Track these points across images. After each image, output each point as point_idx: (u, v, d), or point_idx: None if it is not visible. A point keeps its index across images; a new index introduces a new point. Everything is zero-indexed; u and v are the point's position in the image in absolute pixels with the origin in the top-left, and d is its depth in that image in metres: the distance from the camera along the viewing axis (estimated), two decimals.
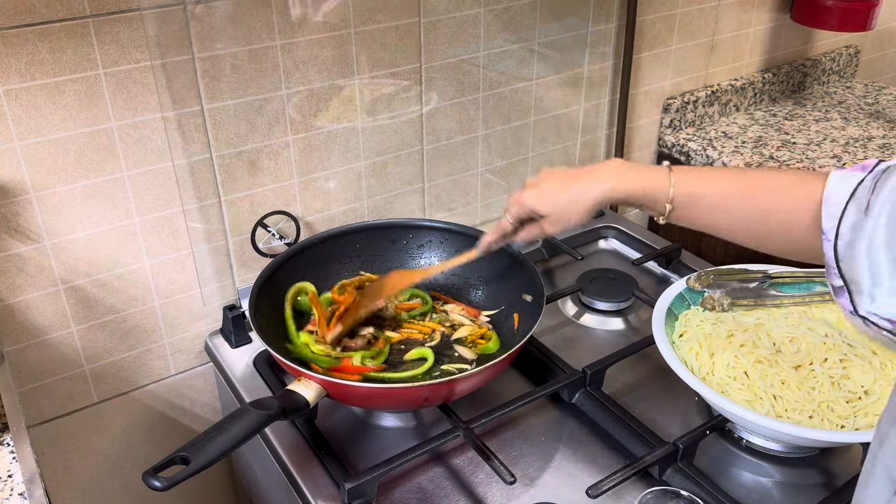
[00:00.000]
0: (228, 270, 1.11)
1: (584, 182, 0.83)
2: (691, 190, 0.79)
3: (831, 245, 0.63)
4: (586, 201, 0.83)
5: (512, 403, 0.93)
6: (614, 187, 0.82)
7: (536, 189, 0.86)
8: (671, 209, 0.79)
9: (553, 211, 0.85)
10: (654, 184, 0.80)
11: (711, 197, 0.78)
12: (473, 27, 1.17)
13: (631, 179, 0.81)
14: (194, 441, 0.74)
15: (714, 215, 0.79)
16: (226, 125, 1.01)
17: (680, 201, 0.79)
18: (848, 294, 0.61)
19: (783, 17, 1.62)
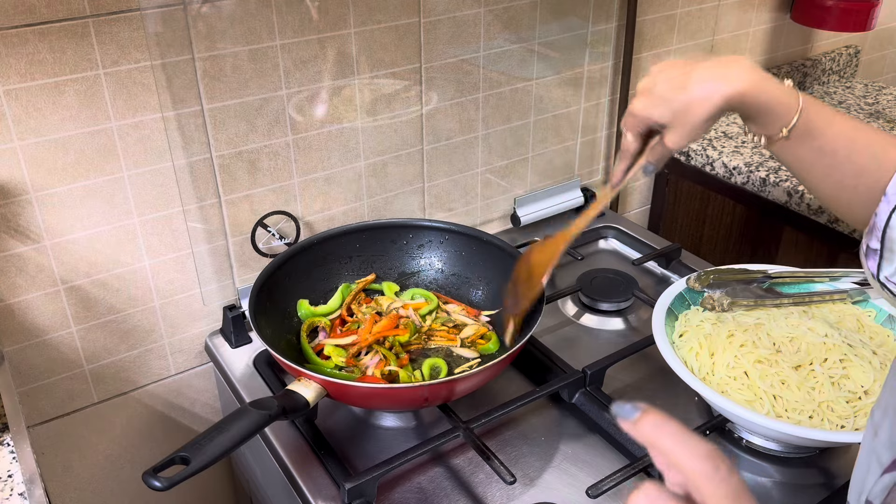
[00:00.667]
0: (228, 270, 1.11)
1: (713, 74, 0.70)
2: (813, 124, 0.71)
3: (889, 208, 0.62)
4: (713, 103, 0.70)
5: (512, 403, 0.93)
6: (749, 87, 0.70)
7: (649, 94, 0.73)
8: (785, 135, 0.71)
9: (675, 116, 0.71)
10: (783, 102, 0.70)
11: (827, 138, 0.71)
12: (473, 27, 1.17)
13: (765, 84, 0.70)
14: (194, 441, 0.74)
15: (818, 157, 0.72)
16: (226, 125, 1.01)
17: (798, 130, 0.71)
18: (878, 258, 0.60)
19: (783, 17, 1.62)
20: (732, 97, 0.70)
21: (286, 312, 1.04)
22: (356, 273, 1.12)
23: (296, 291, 1.05)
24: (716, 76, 0.70)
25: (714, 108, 0.70)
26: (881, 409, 0.49)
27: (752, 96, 0.70)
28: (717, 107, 0.70)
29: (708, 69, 0.71)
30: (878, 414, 0.49)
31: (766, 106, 0.71)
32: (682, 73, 0.72)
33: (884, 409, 0.49)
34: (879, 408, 0.50)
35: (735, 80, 0.70)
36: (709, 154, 1.47)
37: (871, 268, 0.61)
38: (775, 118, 0.71)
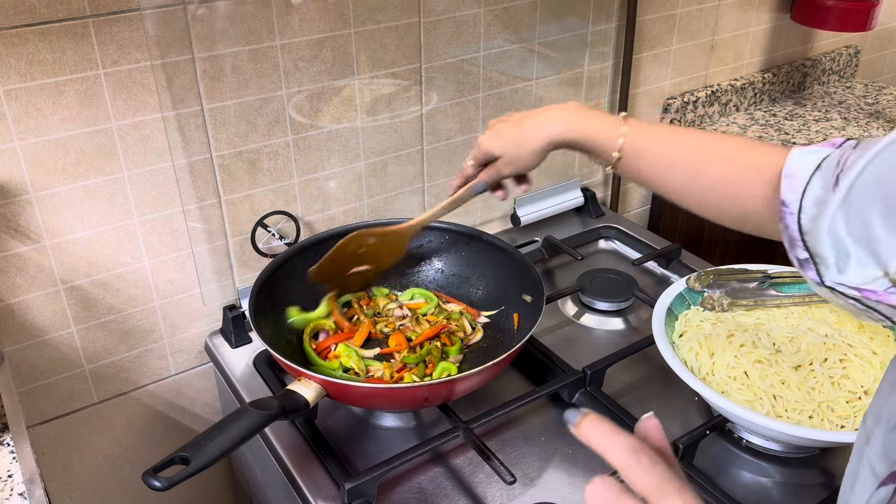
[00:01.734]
0: (228, 270, 1.11)
1: (538, 121, 0.83)
2: (641, 142, 0.77)
3: (795, 218, 0.63)
4: (539, 140, 0.83)
5: (512, 403, 0.93)
6: (568, 128, 0.81)
7: (493, 130, 0.87)
8: (618, 158, 0.78)
9: (507, 151, 0.86)
10: (605, 130, 0.79)
11: (661, 152, 0.77)
12: (473, 27, 1.17)
13: (585, 122, 0.80)
14: (194, 441, 0.74)
15: (662, 173, 0.77)
16: (226, 125, 1.01)
17: (629, 152, 0.78)
18: (814, 266, 0.61)
19: (783, 17, 1.62)
20: (554, 136, 0.82)
21: (286, 312, 1.03)
22: None
23: (296, 291, 1.05)
24: (542, 120, 0.83)
25: (539, 145, 0.83)
26: (873, 416, 0.49)
27: (573, 133, 0.81)
28: (542, 145, 0.83)
29: (538, 113, 0.84)
30: (871, 420, 0.49)
31: (589, 139, 0.80)
32: (521, 116, 0.86)
33: (876, 415, 0.49)
34: (872, 414, 0.50)
35: (557, 123, 0.82)
36: None
37: (814, 277, 0.61)
38: (603, 147, 0.79)
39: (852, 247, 0.55)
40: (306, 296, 1.06)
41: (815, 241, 0.60)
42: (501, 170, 0.88)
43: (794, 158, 0.66)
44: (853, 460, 0.51)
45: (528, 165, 0.86)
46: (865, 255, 0.54)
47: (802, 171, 0.64)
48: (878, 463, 0.46)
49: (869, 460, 0.47)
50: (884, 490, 0.44)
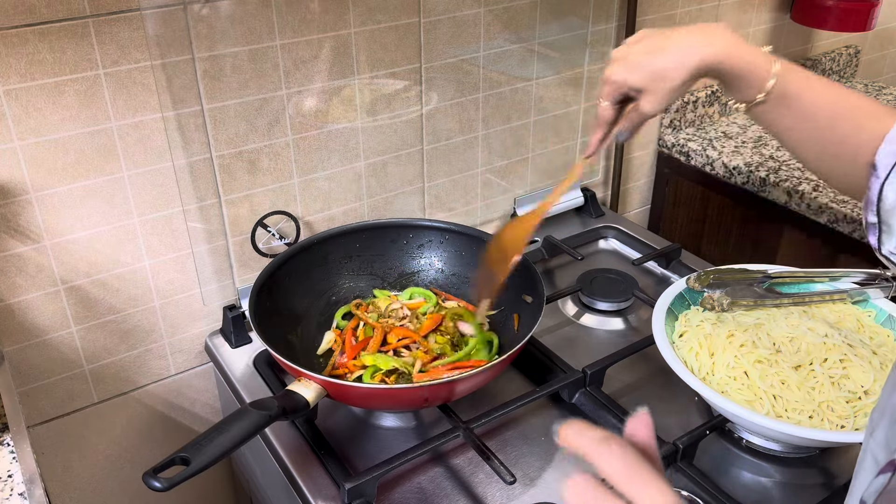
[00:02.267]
0: (228, 270, 1.11)
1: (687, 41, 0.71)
2: (790, 88, 0.71)
3: (879, 182, 0.62)
4: (687, 68, 0.71)
5: (512, 403, 0.93)
6: (723, 53, 0.70)
7: (624, 61, 0.74)
8: (762, 100, 0.71)
9: (650, 81, 0.72)
10: (760, 64, 0.71)
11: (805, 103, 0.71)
12: (473, 27, 1.17)
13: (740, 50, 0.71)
14: (194, 441, 0.74)
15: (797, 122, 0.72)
16: (226, 125, 1.01)
17: (774, 95, 0.71)
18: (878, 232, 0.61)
19: (783, 17, 1.62)
20: (707, 61, 0.71)
21: (286, 312, 1.03)
22: (356, 273, 1.12)
23: (296, 291, 1.05)
24: (691, 42, 0.71)
25: (689, 72, 0.71)
26: (879, 410, 0.50)
27: (727, 61, 0.71)
28: (692, 71, 0.71)
29: (683, 35, 0.72)
30: (877, 414, 0.50)
31: (741, 71, 0.71)
32: (658, 40, 0.73)
33: (881, 410, 0.49)
34: (878, 409, 0.50)
35: (710, 45, 0.71)
36: (709, 154, 1.47)
37: (873, 242, 0.61)
38: (751, 83, 0.72)
39: None
40: (306, 296, 1.07)
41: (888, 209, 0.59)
42: (646, 108, 0.74)
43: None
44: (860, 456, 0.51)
45: (675, 97, 0.73)
46: None
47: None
48: (880, 453, 0.47)
49: (872, 451, 0.48)
50: (882, 477, 0.45)
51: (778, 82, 0.71)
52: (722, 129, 1.57)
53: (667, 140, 1.54)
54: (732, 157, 1.45)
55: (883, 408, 0.49)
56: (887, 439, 0.47)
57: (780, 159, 1.44)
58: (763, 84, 0.71)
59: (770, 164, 1.42)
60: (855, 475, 0.52)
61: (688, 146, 1.51)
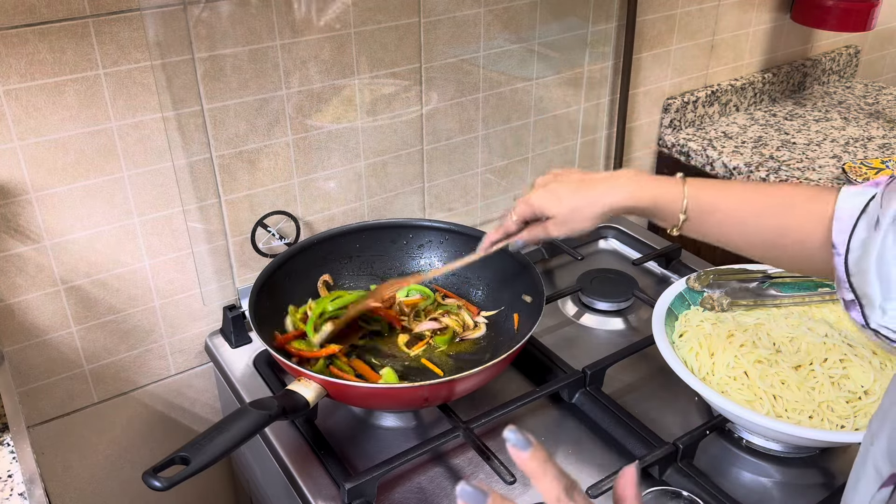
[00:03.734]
0: (228, 270, 1.11)
1: (599, 187, 0.82)
2: (705, 203, 0.78)
3: (842, 259, 0.64)
4: (599, 207, 0.81)
5: (512, 403, 0.93)
6: (629, 195, 0.80)
7: (547, 190, 0.85)
8: (684, 220, 0.78)
9: (563, 213, 0.83)
10: (668, 195, 0.79)
11: (725, 211, 0.77)
12: (473, 27, 1.17)
13: (646, 189, 0.80)
14: (194, 441, 0.74)
15: (727, 229, 0.78)
16: (226, 125, 1.01)
17: (693, 213, 0.78)
18: (860, 307, 0.62)
19: (783, 17, 1.62)
20: (615, 206, 0.81)
21: (286, 313, 1.03)
22: (356, 273, 1.12)
23: (296, 291, 1.05)
24: (601, 189, 0.82)
25: (597, 214, 0.82)
26: (879, 418, 0.50)
27: (634, 200, 0.81)
28: (601, 213, 0.82)
29: (598, 180, 0.83)
30: (877, 423, 0.50)
31: (651, 207, 0.80)
32: (579, 181, 0.84)
33: (882, 418, 0.49)
34: (878, 416, 0.50)
35: (618, 192, 0.81)
36: (709, 154, 1.47)
37: (858, 319, 0.62)
38: (665, 213, 0.80)
39: None
40: (306, 296, 1.07)
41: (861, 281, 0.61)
42: (551, 230, 0.85)
43: (843, 199, 0.67)
44: (858, 461, 0.51)
45: (582, 230, 0.84)
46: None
47: (850, 212, 0.65)
48: (883, 464, 0.47)
49: (874, 461, 0.48)
50: (885, 491, 0.45)
51: (691, 202, 0.78)
52: (722, 129, 1.57)
53: (667, 140, 1.54)
54: (732, 157, 1.45)
55: (884, 416, 0.49)
56: (890, 450, 0.46)
57: (780, 159, 1.44)
58: (678, 206, 0.78)
59: (770, 164, 1.42)
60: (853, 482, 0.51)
61: (688, 146, 1.51)
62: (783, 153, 1.47)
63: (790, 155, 1.46)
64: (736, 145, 1.50)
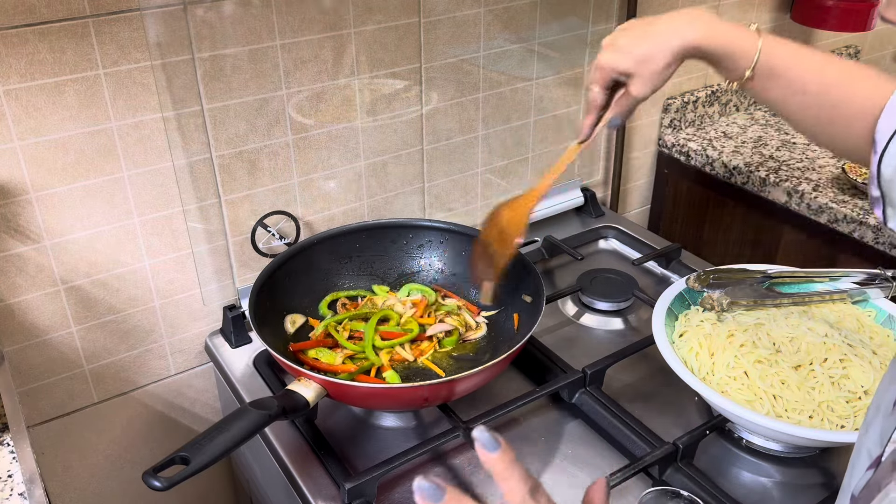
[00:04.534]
0: (228, 270, 1.11)
1: (670, 26, 0.75)
2: (776, 62, 0.73)
3: (877, 158, 0.63)
4: (674, 47, 0.74)
5: (512, 403, 0.93)
6: (703, 35, 0.74)
7: (613, 47, 0.77)
8: (749, 76, 0.74)
9: (637, 65, 0.76)
10: (742, 43, 0.74)
11: (794, 75, 0.73)
12: (473, 27, 1.17)
13: (721, 30, 0.74)
14: (194, 441, 0.74)
15: (788, 94, 0.74)
16: (226, 125, 1.01)
17: (762, 70, 0.74)
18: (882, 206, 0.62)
19: (783, 17, 1.62)
20: (688, 43, 0.74)
21: (286, 312, 1.03)
22: (356, 273, 1.12)
23: (296, 291, 1.05)
24: (673, 26, 0.75)
25: (672, 54, 0.75)
26: (874, 407, 0.50)
27: (708, 42, 0.74)
28: (675, 53, 0.75)
29: (666, 21, 0.76)
30: (871, 412, 0.50)
31: (724, 50, 0.74)
32: (643, 26, 0.77)
33: (875, 406, 0.50)
34: (873, 405, 0.51)
35: (690, 28, 0.74)
36: (709, 154, 1.47)
37: (879, 215, 0.63)
38: (736, 61, 0.74)
39: None
40: (306, 296, 1.07)
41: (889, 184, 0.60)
42: (634, 92, 0.77)
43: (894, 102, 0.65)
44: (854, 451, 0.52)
45: (663, 80, 0.77)
46: None
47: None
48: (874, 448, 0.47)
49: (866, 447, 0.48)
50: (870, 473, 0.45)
51: (762, 58, 0.73)
52: (722, 129, 1.57)
53: (667, 140, 1.54)
54: (732, 157, 1.45)
55: (878, 404, 0.50)
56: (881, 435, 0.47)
57: (780, 159, 1.44)
58: (748, 61, 0.73)
59: (770, 164, 1.42)
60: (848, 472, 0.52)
61: (688, 146, 1.51)
62: (783, 153, 1.47)
63: (790, 155, 1.46)
64: (736, 145, 1.50)
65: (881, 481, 0.44)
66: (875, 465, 0.46)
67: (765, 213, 1.40)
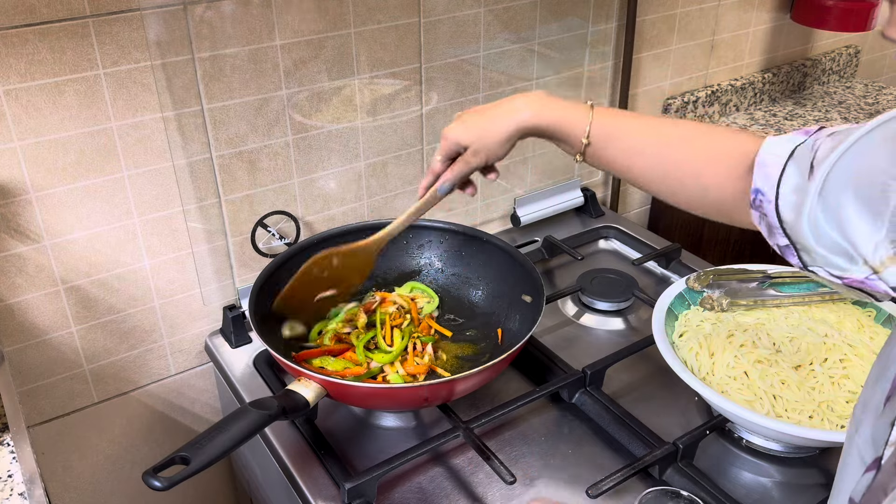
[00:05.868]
0: (228, 270, 1.11)
1: (506, 109, 0.82)
2: (609, 128, 0.78)
3: (773, 206, 0.63)
4: (507, 127, 0.81)
5: (512, 403, 0.93)
6: (534, 114, 0.80)
7: (459, 121, 0.85)
8: (587, 145, 0.78)
9: (474, 139, 0.83)
10: (573, 117, 0.79)
11: (629, 138, 0.77)
12: (473, 27, 1.17)
13: (551, 109, 0.80)
14: (194, 441, 0.74)
15: (629, 158, 0.78)
16: (226, 125, 1.01)
17: (596, 138, 0.78)
18: (796, 252, 0.62)
19: (783, 17, 1.62)
20: (522, 123, 0.81)
21: (285, 318, 1.03)
22: None
23: None
24: (511, 107, 0.82)
25: (505, 133, 0.82)
26: (861, 405, 0.50)
27: (539, 121, 0.80)
28: (508, 132, 0.82)
29: (505, 102, 0.83)
30: (859, 409, 0.50)
31: (556, 126, 0.80)
32: (487, 106, 0.85)
33: (864, 405, 0.50)
34: (860, 404, 0.50)
35: (525, 109, 0.81)
36: None
37: (796, 262, 0.62)
38: (569, 133, 0.79)
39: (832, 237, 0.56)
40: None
41: (796, 232, 0.61)
42: (470, 161, 0.85)
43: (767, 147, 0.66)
44: (844, 451, 0.52)
45: (497, 154, 0.84)
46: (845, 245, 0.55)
47: (776, 158, 0.64)
48: (866, 450, 0.47)
49: (858, 448, 0.48)
50: (869, 475, 0.45)
51: (595, 126, 0.78)
52: None
53: None
54: None
55: (865, 402, 0.49)
56: (874, 436, 0.47)
57: None
58: (582, 130, 0.78)
59: None
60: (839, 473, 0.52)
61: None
62: None
63: None
64: None
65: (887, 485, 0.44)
66: (874, 467, 0.46)
67: None
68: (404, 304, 1.05)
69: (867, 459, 0.47)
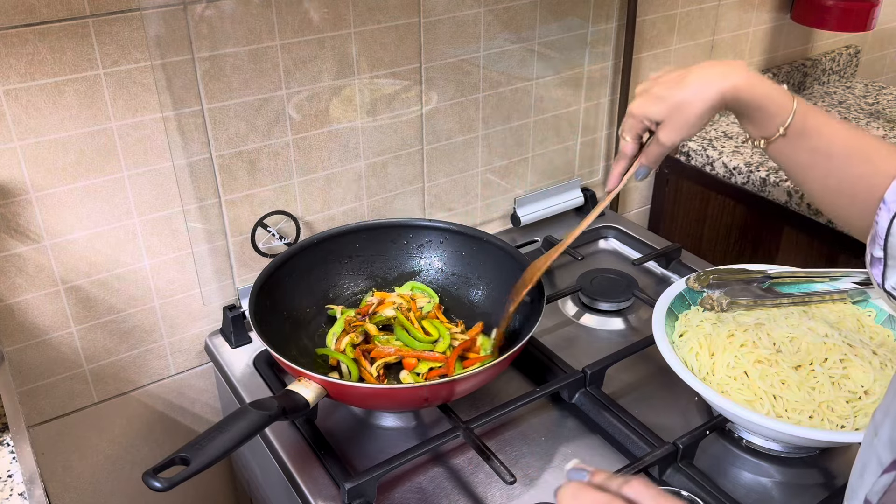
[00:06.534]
0: (228, 270, 1.11)
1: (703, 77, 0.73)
2: (809, 123, 0.72)
3: (889, 216, 0.62)
4: (709, 95, 0.72)
5: (512, 403, 0.93)
6: (747, 83, 0.72)
7: (647, 95, 0.77)
8: (780, 135, 0.72)
9: (670, 115, 0.74)
10: (781, 99, 0.72)
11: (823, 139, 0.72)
12: (473, 27, 1.17)
13: (761, 81, 0.72)
14: (194, 441, 0.74)
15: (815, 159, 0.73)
16: (226, 125, 1.01)
17: (794, 129, 0.72)
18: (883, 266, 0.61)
19: (783, 17, 1.62)
20: (726, 92, 0.72)
21: (286, 312, 1.03)
22: (356, 273, 1.12)
23: (296, 291, 1.05)
24: (711, 74, 0.73)
25: (708, 103, 0.73)
26: (882, 410, 0.50)
27: (746, 93, 0.72)
28: (711, 102, 0.73)
29: (703, 69, 0.74)
30: (880, 415, 0.50)
31: (761, 103, 0.72)
32: (678, 74, 0.75)
33: (885, 409, 0.50)
34: (881, 409, 0.50)
35: (729, 77, 0.72)
36: (709, 154, 1.47)
37: (877, 277, 0.62)
38: (770, 116, 0.73)
39: None
40: (306, 296, 1.07)
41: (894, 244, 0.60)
42: (665, 140, 0.76)
43: None
44: (861, 453, 0.52)
45: (693, 130, 0.75)
46: None
47: None
48: (885, 453, 0.47)
49: (876, 451, 0.48)
50: (886, 476, 0.45)
51: (797, 117, 0.72)
52: (722, 129, 1.57)
53: None
54: (732, 157, 1.45)
55: (887, 408, 0.49)
56: (892, 439, 0.47)
57: None
58: (783, 118, 0.72)
59: (770, 163, 1.42)
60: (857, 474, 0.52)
61: (688, 146, 1.51)
62: None
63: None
64: (736, 145, 1.50)
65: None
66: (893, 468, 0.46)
67: (765, 213, 1.40)
68: (404, 303, 1.06)
69: (885, 461, 0.47)
